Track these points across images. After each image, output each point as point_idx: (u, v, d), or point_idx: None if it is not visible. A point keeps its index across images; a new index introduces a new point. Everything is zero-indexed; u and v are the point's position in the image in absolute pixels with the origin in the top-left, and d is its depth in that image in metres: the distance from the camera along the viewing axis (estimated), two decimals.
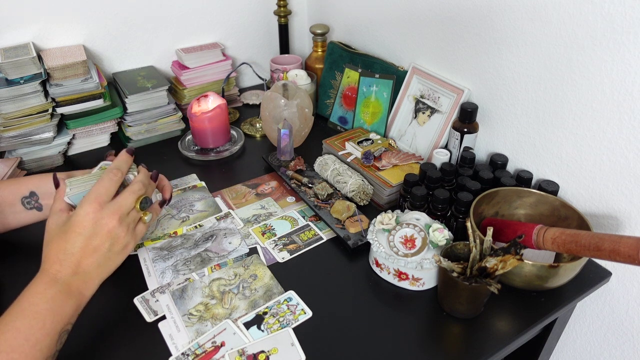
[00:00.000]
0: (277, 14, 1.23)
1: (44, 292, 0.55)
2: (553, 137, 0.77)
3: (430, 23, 0.93)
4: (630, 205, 0.70)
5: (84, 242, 0.59)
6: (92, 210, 0.59)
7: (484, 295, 0.62)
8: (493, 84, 0.84)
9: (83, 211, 0.60)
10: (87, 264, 0.59)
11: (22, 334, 0.51)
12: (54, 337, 0.53)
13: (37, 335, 0.52)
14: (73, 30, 1.03)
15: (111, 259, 0.61)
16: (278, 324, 0.63)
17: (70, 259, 0.58)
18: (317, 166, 0.92)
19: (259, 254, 0.75)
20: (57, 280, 0.57)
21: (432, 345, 0.61)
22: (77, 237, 0.59)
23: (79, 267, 0.58)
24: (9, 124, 0.91)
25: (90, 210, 0.59)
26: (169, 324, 0.63)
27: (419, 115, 0.95)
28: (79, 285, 0.58)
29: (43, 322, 0.53)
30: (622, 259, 0.52)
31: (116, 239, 0.61)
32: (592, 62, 0.68)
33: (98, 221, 0.59)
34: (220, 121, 0.99)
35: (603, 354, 0.82)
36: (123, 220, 0.61)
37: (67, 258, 0.58)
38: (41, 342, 0.52)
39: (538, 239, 0.63)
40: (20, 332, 0.51)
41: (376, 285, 0.70)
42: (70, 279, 0.57)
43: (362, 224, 0.77)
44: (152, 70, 1.12)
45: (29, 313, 0.53)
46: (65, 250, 0.58)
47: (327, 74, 1.13)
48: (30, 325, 0.52)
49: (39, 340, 0.52)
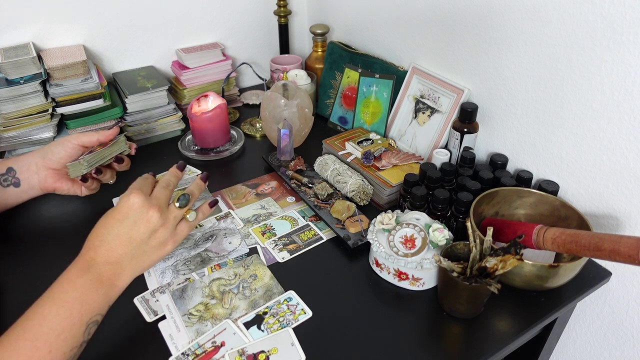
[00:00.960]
0: (277, 14, 1.23)
1: (75, 279, 0.54)
2: (553, 137, 0.77)
3: (430, 23, 0.93)
4: (630, 205, 0.70)
5: (120, 230, 0.58)
6: (134, 198, 0.59)
7: (484, 295, 0.62)
8: (493, 84, 0.84)
9: (127, 199, 0.59)
10: (120, 254, 0.58)
11: (48, 322, 0.50)
12: (80, 327, 0.52)
13: (63, 324, 0.51)
14: (73, 30, 1.03)
15: (146, 254, 0.60)
16: (278, 323, 0.63)
17: (104, 247, 0.57)
18: (317, 166, 0.92)
19: (259, 254, 0.75)
20: (89, 268, 0.56)
21: (432, 345, 0.61)
22: (115, 224, 0.58)
23: (112, 256, 0.57)
24: (9, 124, 0.91)
25: (136, 199, 0.59)
26: (169, 324, 0.63)
27: (419, 115, 0.95)
28: (110, 275, 0.57)
29: (70, 310, 0.52)
30: (622, 259, 0.52)
31: (154, 232, 0.59)
32: (592, 62, 0.68)
33: (139, 210, 0.58)
34: (220, 121, 0.99)
35: (603, 354, 0.82)
36: (164, 213, 0.60)
37: (102, 245, 0.57)
38: (67, 332, 0.51)
39: (538, 239, 0.63)
40: (45, 320, 0.50)
41: (376, 285, 0.70)
42: (102, 268, 0.56)
43: (362, 224, 0.77)
44: (152, 70, 1.12)
45: (57, 300, 0.52)
46: (102, 237, 0.58)
47: (327, 74, 1.13)
48: (57, 313, 0.51)
49: (64, 329, 0.51)
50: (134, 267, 0.59)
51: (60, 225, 0.81)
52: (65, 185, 0.78)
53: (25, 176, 0.75)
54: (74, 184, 0.79)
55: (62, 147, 0.76)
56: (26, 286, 0.69)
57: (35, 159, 0.76)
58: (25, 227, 0.80)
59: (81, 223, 0.81)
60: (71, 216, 0.83)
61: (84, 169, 0.76)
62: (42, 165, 0.76)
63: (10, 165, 0.74)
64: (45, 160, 0.76)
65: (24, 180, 0.75)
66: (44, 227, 0.80)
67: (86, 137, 0.78)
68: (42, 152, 0.77)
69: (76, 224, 0.81)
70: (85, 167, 0.76)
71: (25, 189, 0.76)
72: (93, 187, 0.81)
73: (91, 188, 0.81)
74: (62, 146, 0.76)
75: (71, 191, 0.79)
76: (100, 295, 0.55)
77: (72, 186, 0.79)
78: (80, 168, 0.76)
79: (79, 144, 0.77)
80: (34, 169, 0.76)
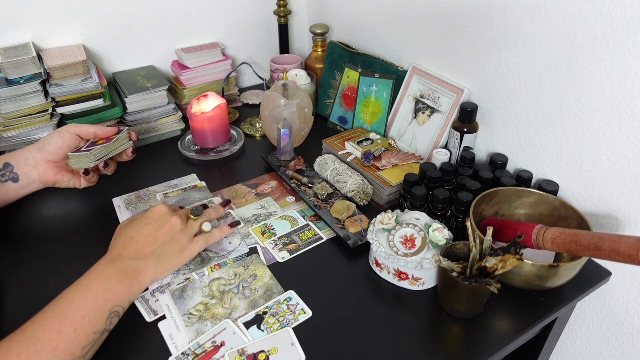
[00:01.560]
0: (277, 14, 1.23)
1: (101, 271, 0.60)
2: (553, 137, 0.77)
3: (430, 23, 0.93)
4: (630, 205, 0.70)
5: (149, 231, 0.66)
6: (165, 208, 0.69)
7: (484, 295, 0.62)
8: (493, 84, 0.84)
9: (157, 207, 0.69)
10: (146, 252, 0.64)
11: (75, 304, 0.55)
12: (104, 313, 0.57)
13: (88, 308, 0.56)
14: (73, 30, 1.03)
15: (167, 255, 0.66)
16: (278, 323, 0.63)
17: (133, 245, 0.64)
18: (317, 166, 0.92)
19: (259, 254, 0.75)
20: (114, 261, 0.62)
21: (432, 345, 0.61)
22: (145, 227, 0.66)
23: (139, 252, 0.64)
24: (9, 124, 0.91)
25: (163, 208, 0.69)
26: (169, 323, 0.63)
27: (419, 115, 0.95)
28: (134, 269, 0.62)
29: (95, 296, 0.57)
30: (622, 259, 0.52)
31: (175, 237, 0.67)
32: (592, 62, 0.68)
33: (165, 216, 0.67)
34: (220, 121, 0.99)
35: (603, 354, 0.82)
36: (184, 222, 0.69)
37: (131, 244, 0.64)
38: (91, 315, 0.55)
39: (538, 239, 0.64)
40: (73, 302, 0.56)
41: (376, 285, 0.70)
42: (127, 262, 0.62)
43: (362, 224, 0.77)
44: (152, 70, 1.12)
45: (84, 287, 0.58)
46: (131, 238, 0.65)
47: (327, 74, 1.13)
48: (83, 297, 0.56)
49: (89, 312, 0.55)
50: (157, 267, 0.65)
51: (61, 224, 0.81)
52: (65, 178, 0.78)
53: (24, 171, 0.75)
54: (74, 176, 0.80)
55: (59, 137, 0.77)
56: (27, 285, 0.69)
57: (32, 153, 0.76)
58: (26, 226, 0.80)
59: (82, 223, 0.81)
60: (71, 215, 0.83)
61: (90, 162, 0.76)
62: (41, 159, 0.76)
63: (6, 160, 0.74)
64: (43, 153, 0.76)
65: (22, 176, 0.75)
66: (44, 227, 0.80)
67: (84, 128, 0.79)
68: (39, 145, 0.76)
69: (76, 224, 0.81)
70: (92, 160, 0.76)
71: (25, 184, 0.76)
72: (93, 180, 0.82)
73: (91, 181, 0.81)
74: (60, 136, 0.77)
75: (71, 183, 0.79)
76: (124, 286, 0.60)
77: (72, 178, 0.79)
78: (86, 161, 0.76)
79: (76, 133, 0.78)
80: (33, 163, 0.76)
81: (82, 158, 0.76)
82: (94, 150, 0.76)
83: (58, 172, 0.77)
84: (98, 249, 0.66)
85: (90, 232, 0.79)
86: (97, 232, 0.79)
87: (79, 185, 0.81)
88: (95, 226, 0.81)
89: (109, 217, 0.82)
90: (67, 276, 0.60)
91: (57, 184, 0.78)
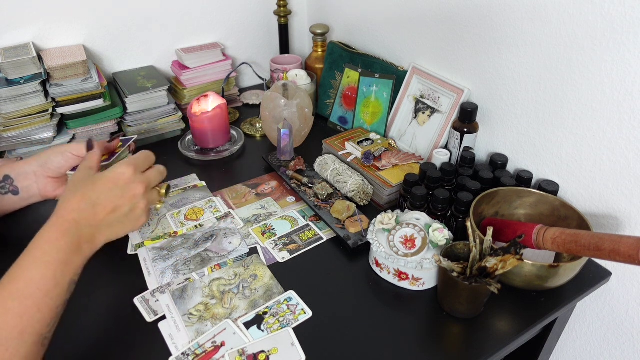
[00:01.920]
0: (277, 14, 1.23)
1: (56, 241, 0.56)
2: (553, 137, 0.77)
3: (430, 23, 0.93)
4: (630, 205, 0.70)
5: (108, 198, 0.61)
6: (128, 172, 0.63)
7: (484, 295, 0.62)
8: (493, 84, 0.84)
9: (120, 170, 0.63)
10: (102, 220, 0.61)
11: (35, 283, 0.53)
12: (64, 286, 0.55)
13: (48, 285, 0.53)
14: (73, 30, 1.03)
15: (123, 223, 0.63)
16: (278, 323, 0.63)
17: (90, 210, 0.60)
18: (317, 166, 0.92)
19: (259, 254, 0.75)
20: (69, 230, 0.58)
21: (432, 345, 0.61)
22: (105, 191, 0.62)
23: (94, 219, 0.60)
24: (9, 124, 0.91)
25: (126, 171, 0.63)
26: (169, 323, 0.63)
27: (419, 115, 0.95)
28: (89, 238, 0.59)
29: (54, 272, 0.54)
30: (622, 259, 0.52)
31: (135, 207, 0.64)
32: (592, 62, 0.68)
33: (129, 184, 0.63)
34: (220, 121, 0.99)
35: (603, 354, 0.82)
36: (147, 192, 0.65)
37: (88, 208, 0.60)
38: (52, 291, 0.53)
39: (538, 239, 0.63)
40: (32, 282, 0.53)
41: (376, 285, 0.70)
42: (82, 230, 0.59)
43: (362, 224, 0.77)
44: (152, 70, 1.12)
45: (41, 263, 0.54)
46: (89, 199, 0.60)
47: (327, 74, 1.13)
48: (42, 274, 0.54)
49: (50, 290, 0.53)
50: (110, 233, 0.62)
51: None
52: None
53: (25, 185, 0.74)
54: None
55: (62, 157, 0.74)
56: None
57: (33, 167, 0.74)
58: (26, 227, 0.80)
59: None
60: None
61: None
62: (41, 174, 0.75)
63: (6, 172, 0.73)
64: (44, 169, 0.74)
65: (23, 189, 0.74)
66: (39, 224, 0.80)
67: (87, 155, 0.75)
68: (40, 161, 0.75)
69: None
70: None
71: (25, 197, 0.75)
72: None
73: None
74: (62, 156, 0.74)
75: None
76: (79, 256, 0.58)
77: None
78: None
79: (79, 156, 0.75)
80: (33, 177, 0.75)
81: None
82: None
83: (58, 187, 0.76)
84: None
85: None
86: None
87: None
88: None
89: None
90: None
91: (57, 198, 0.76)
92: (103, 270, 0.71)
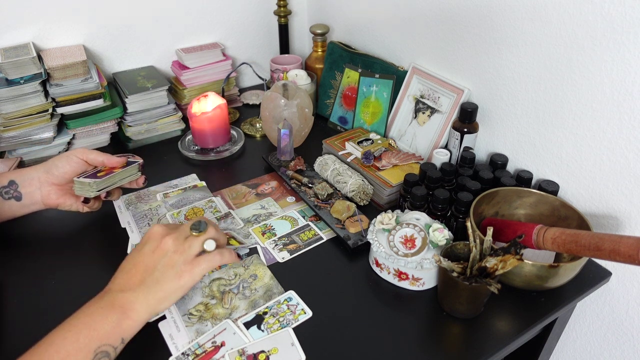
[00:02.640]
0: (277, 14, 1.23)
1: (87, 307, 0.55)
2: (553, 137, 0.77)
3: (430, 23, 0.93)
4: (630, 205, 0.70)
5: (138, 258, 0.60)
6: (158, 229, 0.61)
7: (484, 295, 0.62)
8: (493, 84, 0.84)
9: (150, 229, 0.62)
10: (135, 282, 0.58)
11: (54, 346, 0.50)
12: (87, 354, 0.51)
13: (67, 349, 0.50)
14: (73, 30, 1.03)
15: (159, 283, 0.58)
16: (278, 323, 0.63)
17: (122, 276, 0.59)
18: (317, 166, 0.92)
19: (259, 254, 0.75)
20: (103, 297, 0.56)
21: (432, 345, 0.61)
22: (135, 253, 0.60)
23: (127, 284, 0.58)
24: (9, 124, 0.91)
25: (156, 229, 0.62)
26: (169, 323, 0.63)
27: (419, 115, 0.95)
28: (123, 303, 0.56)
29: (77, 335, 0.51)
30: (622, 259, 0.52)
31: (169, 261, 0.59)
32: (592, 62, 0.68)
33: (156, 237, 0.61)
34: (220, 121, 0.99)
35: (603, 354, 0.82)
36: (178, 240, 0.61)
37: (120, 275, 0.59)
38: (71, 357, 0.50)
39: (538, 239, 0.63)
40: (53, 344, 0.51)
41: (376, 285, 0.70)
42: (115, 295, 0.56)
43: (362, 224, 0.77)
44: (152, 70, 1.12)
45: (66, 325, 0.53)
46: (122, 268, 0.60)
47: (327, 74, 1.13)
48: (64, 336, 0.51)
49: (69, 354, 0.50)
50: (148, 299, 0.57)
51: (61, 226, 0.81)
52: (68, 201, 0.76)
53: (28, 190, 0.74)
54: (77, 200, 0.77)
55: (66, 162, 0.75)
56: (27, 287, 0.69)
57: (38, 173, 0.74)
58: (26, 228, 0.80)
59: (82, 224, 0.81)
60: (72, 217, 0.82)
61: (92, 192, 0.74)
62: (46, 181, 0.74)
63: (12, 178, 0.73)
64: (48, 175, 0.74)
65: (26, 195, 0.74)
66: (44, 229, 0.80)
67: (92, 155, 0.76)
68: (45, 167, 0.75)
69: (77, 225, 0.81)
70: (94, 190, 0.74)
71: (27, 203, 0.75)
72: (95, 207, 0.80)
73: (93, 207, 0.79)
74: (67, 161, 0.75)
75: (74, 207, 0.77)
76: (111, 322, 0.54)
77: (75, 202, 0.77)
78: (88, 189, 0.74)
79: (84, 159, 0.76)
80: (37, 184, 0.74)
81: (85, 186, 0.74)
82: (98, 181, 0.74)
83: (61, 195, 0.76)
84: (98, 250, 0.66)
85: (90, 232, 0.79)
86: (97, 233, 0.79)
87: (81, 209, 0.78)
88: (95, 226, 0.81)
89: (109, 217, 0.82)
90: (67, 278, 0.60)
91: (59, 206, 0.76)
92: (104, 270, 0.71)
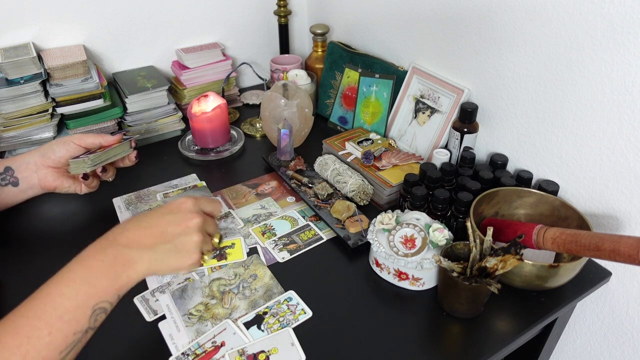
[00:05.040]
0: (277, 14, 1.23)
1: (86, 259, 0.52)
2: (553, 137, 0.77)
3: (430, 23, 0.93)
4: (630, 205, 0.70)
5: (159, 222, 0.56)
6: (188, 201, 0.59)
7: (484, 295, 0.62)
8: (493, 84, 0.84)
9: (180, 199, 0.60)
10: (145, 244, 0.55)
11: (51, 301, 0.48)
12: (85, 310, 0.49)
13: (66, 305, 0.48)
14: (73, 30, 1.03)
15: (167, 256, 0.56)
16: (278, 323, 0.63)
17: (133, 231, 0.55)
18: (317, 166, 0.92)
19: (259, 254, 0.75)
20: (105, 249, 0.53)
21: (432, 345, 0.61)
22: (158, 216, 0.57)
23: (137, 242, 0.54)
24: (9, 124, 0.91)
25: (187, 200, 0.59)
26: (169, 323, 0.63)
27: (419, 115, 0.95)
28: (126, 259, 0.53)
29: (75, 291, 0.49)
30: (622, 259, 0.52)
31: (187, 240, 0.57)
32: (592, 62, 0.68)
33: (185, 212, 0.58)
34: (220, 121, 0.99)
35: (603, 354, 0.82)
36: (202, 230, 0.59)
37: (132, 229, 0.55)
38: (69, 314, 0.48)
39: (538, 239, 0.63)
40: (49, 298, 0.48)
41: (376, 285, 0.70)
42: (120, 251, 0.53)
43: (362, 224, 0.77)
44: (152, 70, 1.12)
45: (64, 279, 0.50)
46: (138, 221, 0.56)
47: (327, 74, 1.13)
48: (61, 292, 0.48)
49: (67, 311, 0.48)
50: (151, 264, 0.55)
51: (61, 224, 0.81)
52: (66, 183, 0.78)
53: (24, 175, 0.74)
54: (74, 181, 0.79)
55: (63, 147, 0.76)
56: (27, 285, 0.68)
57: (34, 157, 0.75)
58: (26, 227, 0.80)
59: (82, 223, 0.81)
60: (72, 216, 0.83)
61: (87, 167, 0.76)
62: (42, 164, 0.75)
63: (8, 164, 0.74)
64: (44, 159, 0.75)
65: (22, 180, 0.74)
66: (44, 226, 0.80)
67: (90, 140, 0.77)
68: (41, 151, 0.76)
69: (76, 225, 0.81)
70: (89, 165, 0.76)
71: (24, 188, 0.75)
72: (93, 185, 0.81)
73: (91, 186, 0.80)
74: (64, 145, 0.76)
75: (71, 189, 0.78)
76: (110, 279, 0.51)
77: (72, 184, 0.79)
78: (83, 166, 0.76)
79: (81, 145, 0.77)
80: (33, 167, 0.75)
81: (79, 163, 0.76)
82: (92, 156, 0.76)
83: (58, 177, 0.77)
84: None
85: (90, 232, 0.79)
86: (97, 232, 0.79)
87: (80, 191, 0.80)
88: (95, 226, 0.80)
89: (109, 217, 0.82)
90: None
91: (57, 189, 0.78)
92: None
